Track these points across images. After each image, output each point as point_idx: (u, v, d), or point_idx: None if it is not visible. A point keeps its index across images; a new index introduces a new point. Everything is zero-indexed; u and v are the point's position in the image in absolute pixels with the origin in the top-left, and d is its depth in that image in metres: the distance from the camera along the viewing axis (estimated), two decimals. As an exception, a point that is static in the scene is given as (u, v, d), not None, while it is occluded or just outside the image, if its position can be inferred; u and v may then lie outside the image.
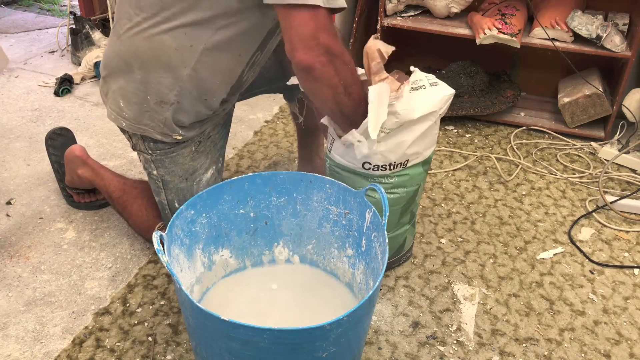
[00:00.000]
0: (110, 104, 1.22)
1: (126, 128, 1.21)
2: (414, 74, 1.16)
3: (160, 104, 1.15)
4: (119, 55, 1.16)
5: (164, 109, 1.16)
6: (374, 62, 1.11)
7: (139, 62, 1.14)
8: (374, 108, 1.05)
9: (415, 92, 1.13)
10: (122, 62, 1.16)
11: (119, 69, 1.17)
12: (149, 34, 1.11)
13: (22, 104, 2.15)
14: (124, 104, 1.19)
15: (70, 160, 1.52)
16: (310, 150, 1.65)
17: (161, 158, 1.24)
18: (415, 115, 1.12)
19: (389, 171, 1.19)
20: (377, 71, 1.12)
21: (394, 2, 2.04)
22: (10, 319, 1.24)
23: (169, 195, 1.28)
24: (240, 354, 0.88)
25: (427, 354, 1.19)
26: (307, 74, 0.99)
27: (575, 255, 1.48)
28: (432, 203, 1.66)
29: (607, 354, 1.21)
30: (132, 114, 1.19)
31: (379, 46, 1.10)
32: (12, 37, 2.76)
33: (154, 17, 1.09)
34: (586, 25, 1.85)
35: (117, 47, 1.16)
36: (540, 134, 2.04)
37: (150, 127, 1.19)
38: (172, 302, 1.29)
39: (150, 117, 1.17)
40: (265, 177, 1.18)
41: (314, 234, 1.25)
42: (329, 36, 0.97)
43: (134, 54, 1.13)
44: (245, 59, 1.17)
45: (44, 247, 1.45)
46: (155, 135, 1.19)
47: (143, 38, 1.11)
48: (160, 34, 1.10)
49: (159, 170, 1.26)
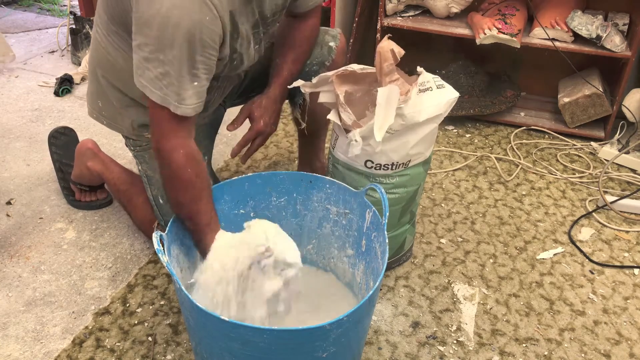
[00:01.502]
0: (90, 103, 1.30)
1: (107, 127, 1.28)
2: (421, 75, 1.16)
3: (126, 107, 1.21)
4: (90, 59, 1.24)
5: (131, 112, 1.22)
6: (387, 63, 1.10)
7: (100, 70, 1.21)
8: (381, 110, 1.05)
9: (422, 94, 1.13)
10: (91, 66, 1.24)
11: (91, 72, 1.25)
12: (105, 44, 1.16)
13: (22, 104, 2.15)
14: (102, 104, 1.26)
15: (82, 152, 1.53)
16: (311, 153, 1.65)
17: (142, 154, 1.28)
18: (421, 118, 1.12)
19: (391, 171, 1.19)
20: (389, 72, 1.10)
21: (394, 2, 2.04)
22: (10, 319, 1.24)
23: (154, 192, 1.29)
24: (240, 354, 0.88)
25: (427, 354, 1.19)
26: (157, 156, 1.05)
27: (575, 255, 1.48)
28: (432, 203, 1.66)
29: (607, 354, 1.21)
30: (108, 114, 1.26)
31: (392, 47, 1.09)
32: (12, 37, 2.76)
33: (105, 27, 1.15)
34: (586, 25, 1.85)
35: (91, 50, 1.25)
36: (540, 134, 2.04)
37: (124, 127, 1.25)
38: (172, 302, 1.29)
39: (122, 119, 1.24)
40: (265, 177, 1.18)
41: (314, 234, 1.25)
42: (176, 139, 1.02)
43: (97, 61, 1.21)
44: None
45: (44, 247, 1.45)
46: (131, 135, 1.25)
47: (102, 46, 1.17)
48: (111, 46, 1.15)
49: (142, 166, 1.30)
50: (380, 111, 1.05)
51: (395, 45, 1.10)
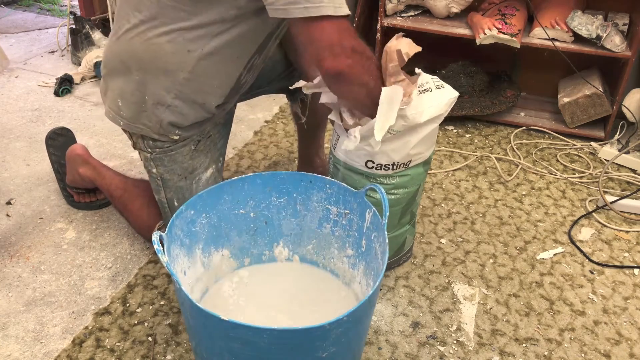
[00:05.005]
0: (108, 103, 1.23)
1: (124, 127, 1.22)
2: (420, 76, 1.16)
3: (157, 105, 1.16)
4: (118, 55, 1.16)
5: (161, 111, 1.16)
6: (392, 64, 1.09)
7: (136, 64, 1.14)
8: (383, 109, 1.05)
9: (422, 95, 1.13)
10: (120, 63, 1.16)
11: (118, 69, 1.17)
12: (146, 37, 1.11)
13: (22, 104, 2.15)
14: (122, 103, 1.19)
15: (72, 159, 1.52)
16: (311, 150, 1.65)
17: (160, 156, 1.24)
18: (422, 119, 1.11)
19: (392, 171, 1.19)
20: (394, 73, 1.10)
21: (394, 2, 2.04)
22: (10, 319, 1.24)
23: (168, 194, 1.28)
24: (240, 354, 0.88)
25: (427, 354, 1.19)
26: (338, 79, 1.00)
27: (575, 255, 1.48)
28: (432, 203, 1.66)
29: (607, 354, 1.21)
30: (130, 113, 1.19)
31: (400, 47, 1.08)
32: (12, 37, 2.76)
33: (151, 21, 1.09)
34: (586, 25, 1.85)
35: (116, 47, 1.17)
36: (540, 134, 2.04)
37: (147, 127, 1.19)
38: (172, 302, 1.29)
39: (148, 118, 1.18)
40: (265, 177, 1.18)
41: (314, 234, 1.25)
42: (351, 37, 0.98)
43: (131, 56, 1.14)
44: (243, 62, 1.17)
45: (44, 247, 1.45)
46: (153, 134, 1.20)
47: (141, 41, 1.12)
48: (158, 38, 1.10)
49: (158, 169, 1.26)
50: (382, 111, 1.05)
51: (406, 44, 1.08)
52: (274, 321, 1.15)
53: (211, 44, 1.10)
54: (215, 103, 1.20)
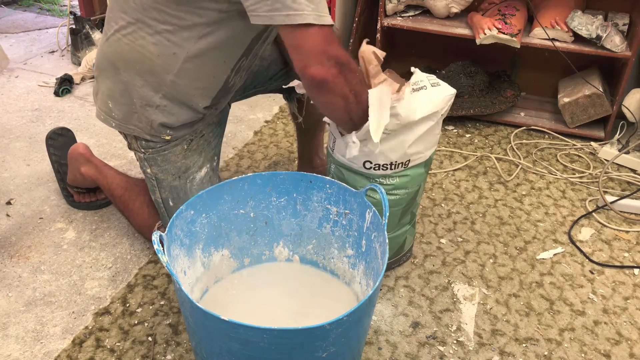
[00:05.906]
0: (99, 104, 1.24)
1: (116, 128, 1.23)
2: (414, 75, 1.16)
3: (146, 106, 1.17)
4: (106, 57, 1.18)
5: (150, 112, 1.17)
6: (372, 65, 1.11)
7: (124, 65, 1.15)
8: (374, 111, 1.05)
9: (417, 93, 1.13)
10: (109, 64, 1.18)
11: (107, 70, 1.19)
12: (132, 39, 1.12)
13: (22, 104, 2.15)
14: (112, 104, 1.21)
15: (74, 158, 1.53)
16: (310, 150, 1.65)
17: (153, 156, 1.24)
18: (416, 117, 1.12)
19: (390, 171, 1.19)
20: (376, 74, 1.11)
21: (394, 2, 2.04)
22: (10, 319, 1.24)
23: (163, 194, 1.28)
24: (240, 354, 0.88)
25: (427, 354, 1.19)
26: (319, 88, 1.00)
27: (575, 256, 1.48)
28: (432, 203, 1.66)
29: (607, 354, 1.21)
30: (121, 114, 1.20)
31: (373, 49, 1.10)
32: (12, 37, 2.76)
33: (137, 22, 1.10)
34: (586, 25, 1.85)
35: (105, 48, 1.18)
36: (540, 134, 2.04)
37: (139, 128, 1.20)
38: (172, 302, 1.29)
39: (138, 119, 1.19)
40: (265, 177, 1.18)
41: (314, 234, 1.25)
42: (336, 48, 0.98)
43: (119, 57, 1.15)
44: (229, 65, 1.18)
45: (44, 247, 1.45)
46: (145, 135, 1.21)
47: (127, 42, 1.13)
48: (143, 39, 1.11)
49: (152, 169, 1.26)
50: (374, 112, 1.05)
51: (375, 48, 1.11)
52: (274, 321, 1.15)
53: (196, 46, 1.10)
54: (203, 105, 1.20)
